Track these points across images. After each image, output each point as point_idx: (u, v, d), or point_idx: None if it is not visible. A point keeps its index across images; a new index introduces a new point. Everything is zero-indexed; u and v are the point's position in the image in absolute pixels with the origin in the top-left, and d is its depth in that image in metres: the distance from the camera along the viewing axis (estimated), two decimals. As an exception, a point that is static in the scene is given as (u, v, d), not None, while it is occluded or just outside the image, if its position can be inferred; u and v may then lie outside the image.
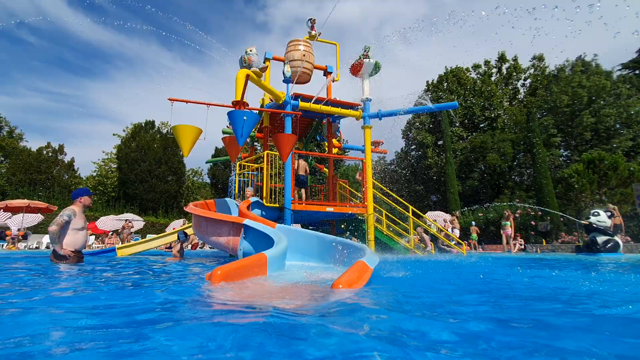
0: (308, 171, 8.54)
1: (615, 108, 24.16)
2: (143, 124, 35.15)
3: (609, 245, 8.83)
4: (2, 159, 32.99)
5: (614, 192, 18.88)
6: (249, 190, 7.53)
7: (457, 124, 31.22)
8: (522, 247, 15.78)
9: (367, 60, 7.91)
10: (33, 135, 55.79)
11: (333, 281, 2.11)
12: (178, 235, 7.23)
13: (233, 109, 5.27)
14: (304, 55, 8.51)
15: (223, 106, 5.49)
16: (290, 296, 2.01)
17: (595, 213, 9.28)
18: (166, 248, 14.84)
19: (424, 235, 10.03)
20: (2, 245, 16.45)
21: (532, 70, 32.12)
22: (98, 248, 15.27)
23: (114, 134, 37.16)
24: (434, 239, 11.81)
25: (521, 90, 33.01)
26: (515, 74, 32.39)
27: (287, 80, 7.75)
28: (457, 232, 13.52)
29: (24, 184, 30.66)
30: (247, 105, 5.53)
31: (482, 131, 30.63)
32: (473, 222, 16.60)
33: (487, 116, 30.91)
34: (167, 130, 35.64)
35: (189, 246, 13.43)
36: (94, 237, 20.64)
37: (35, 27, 52.20)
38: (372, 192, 8.30)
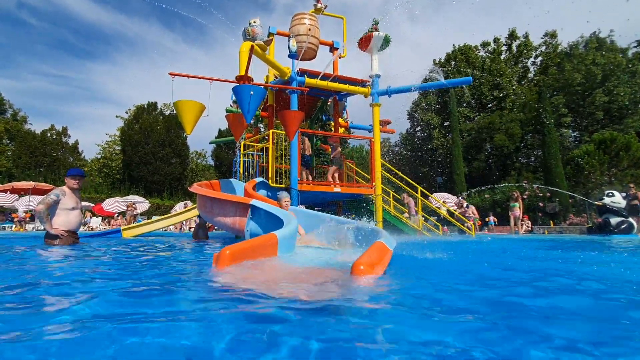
0: (310, 151, 8.31)
1: (630, 86, 23.38)
2: (145, 106, 34.82)
3: (623, 226, 8.63)
4: (8, 142, 33.00)
5: (624, 173, 18.50)
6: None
7: (464, 104, 30.54)
8: (530, 228, 15.62)
9: (377, 33, 7.52)
10: (37, 119, 55.82)
11: (351, 264, 1.94)
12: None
13: (237, 84, 5.01)
14: (309, 29, 8.11)
15: (226, 82, 5.24)
16: (307, 281, 1.85)
17: (610, 194, 9.03)
18: (177, 228, 14.83)
19: (410, 200, 9.74)
20: (11, 227, 16.62)
21: (543, 48, 31.03)
22: (104, 229, 15.34)
23: (116, 116, 36.95)
24: (440, 219, 11.65)
25: (531, 69, 32.02)
26: (525, 51, 31.33)
27: (292, 56, 7.41)
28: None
29: (30, 166, 30.79)
30: (252, 80, 5.27)
31: (490, 111, 29.96)
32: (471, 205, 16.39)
33: (495, 96, 30.17)
34: (170, 112, 35.30)
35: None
36: (100, 219, 20.81)
37: (36, 7, 51.23)
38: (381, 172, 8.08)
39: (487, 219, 17.23)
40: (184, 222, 15.75)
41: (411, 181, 9.65)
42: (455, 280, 2.09)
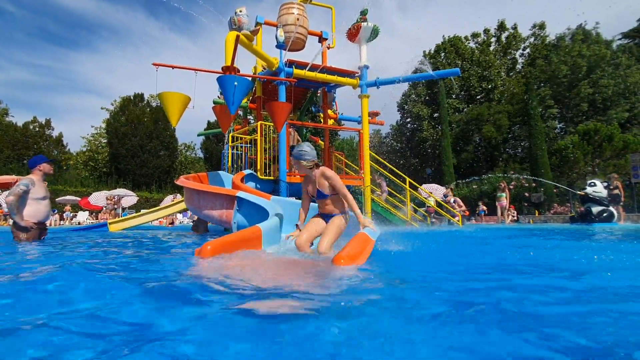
0: (299, 142, 8.28)
1: (614, 78, 23.80)
2: (132, 97, 34.07)
3: (604, 215, 8.87)
4: (-12, 134, 31.97)
5: (607, 163, 18.94)
6: None
7: (454, 96, 30.70)
8: (515, 218, 15.93)
9: (365, 23, 7.46)
10: (18, 110, 54.21)
11: (333, 255, 1.96)
12: None
13: (222, 75, 4.93)
14: (297, 19, 8.00)
15: (212, 72, 5.15)
16: (286, 274, 1.86)
17: (592, 184, 9.25)
18: (169, 223, 14.64)
19: (382, 179, 9.82)
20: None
21: (532, 39, 31.28)
22: (91, 223, 15.10)
23: (102, 108, 36.12)
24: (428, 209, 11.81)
25: (519, 61, 32.30)
26: (514, 43, 31.53)
27: (280, 46, 7.31)
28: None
29: (12, 159, 29.97)
30: (238, 71, 5.19)
31: (478, 103, 30.21)
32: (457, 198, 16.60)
33: (484, 87, 30.39)
34: (157, 104, 34.63)
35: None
36: (87, 213, 20.47)
37: (11, -7, 49.21)
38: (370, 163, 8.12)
39: (477, 209, 17.53)
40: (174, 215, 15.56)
41: (400, 172, 9.72)
42: (426, 269, 2.14)
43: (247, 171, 7.12)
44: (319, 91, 9.54)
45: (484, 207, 17.81)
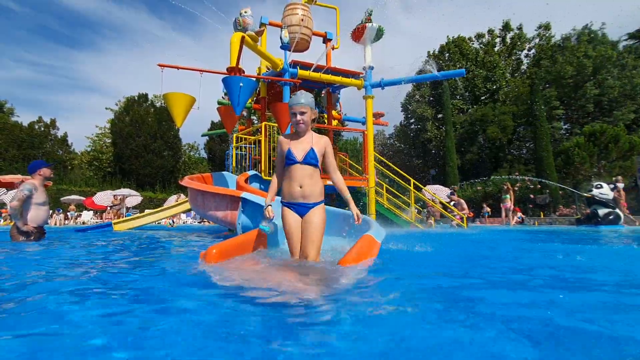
0: None
1: (620, 79, 23.60)
2: (136, 97, 34.25)
3: (610, 217, 8.79)
4: (-6, 134, 32.22)
5: (613, 164, 18.77)
6: None
7: (458, 97, 30.57)
8: (520, 220, 15.82)
9: (370, 24, 7.44)
10: (22, 110, 54.60)
11: (339, 258, 1.94)
12: None
13: (227, 75, 4.93)
14: (302, 20, 7.99)
15: (217, 73, 5.15)
16: (292, 276, 1.84)
17: (598, 185, 9.17)
18: (170, 224, 14.73)
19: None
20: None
21: (537, 40, 31.08)
22: (96, 223, 15.18)
23: (106, 108, 36.34)
24: (430, 211, 11.75)
25: (524, 62, 32.11)
26: (519, 43, 31.36)
27: (284, 47, 7.30)
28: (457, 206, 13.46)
29: (18, 159, 30.21)
30: (243, 72, 5.19)
31: (483, 104, 30.05)
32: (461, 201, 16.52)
33: (488, 88, 30.25)
34: (161, 104, 34.79)
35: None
36: (91, 212, 20.59)
37: (17, -6, 49.65)
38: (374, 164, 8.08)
39: (482, 211, 17.45)
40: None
41: (404, 173, 9.68)
42: (433, 270, 2.11)
43: (252, 172, 7.11)
44: (323, 92, 9.53)
45: (488, 209, 17.70)
